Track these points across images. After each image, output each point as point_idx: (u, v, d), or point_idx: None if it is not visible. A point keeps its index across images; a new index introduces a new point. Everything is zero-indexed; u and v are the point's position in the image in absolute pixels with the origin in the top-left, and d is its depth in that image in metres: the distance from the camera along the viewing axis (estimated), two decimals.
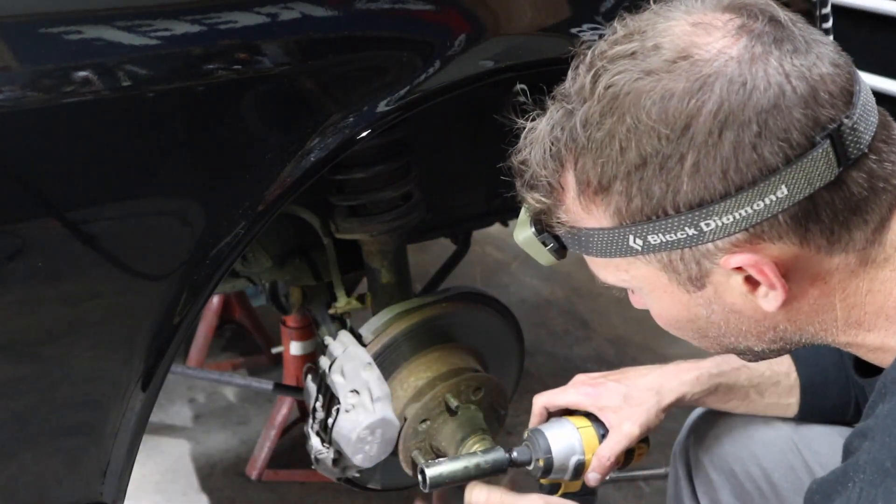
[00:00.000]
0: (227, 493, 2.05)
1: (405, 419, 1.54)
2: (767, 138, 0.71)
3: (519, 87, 1.88)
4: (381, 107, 1.09)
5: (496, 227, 2.06)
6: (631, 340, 2.67)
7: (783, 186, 0.72)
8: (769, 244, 0.75)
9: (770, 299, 0.78)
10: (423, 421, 1.56)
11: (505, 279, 3.05)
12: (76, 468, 1.12)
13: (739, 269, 0.76)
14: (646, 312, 0.94)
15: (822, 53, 0.74)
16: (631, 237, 0.78)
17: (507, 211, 1.98)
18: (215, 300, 2.43)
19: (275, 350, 2.44)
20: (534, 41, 1.21)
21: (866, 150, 0.73)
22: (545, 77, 0.91)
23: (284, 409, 2.08)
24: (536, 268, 3.12)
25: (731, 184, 0.72)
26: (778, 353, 0.88)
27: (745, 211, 0.73)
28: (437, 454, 1.61)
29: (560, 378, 2.12)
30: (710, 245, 0.76)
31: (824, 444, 1.16)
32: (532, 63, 1.21)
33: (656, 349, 2.62)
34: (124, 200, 1.00)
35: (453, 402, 1.55)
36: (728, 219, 0.74)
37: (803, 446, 1.18)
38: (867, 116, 0.74)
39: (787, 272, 0.76)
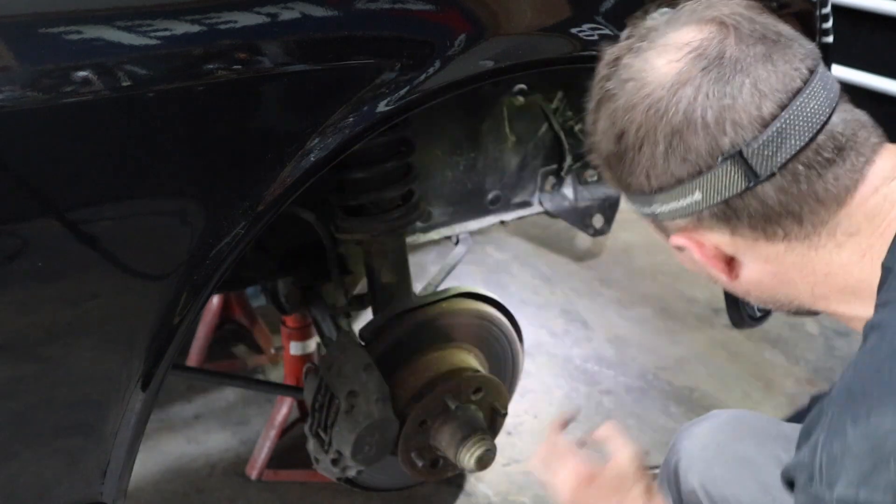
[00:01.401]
0: (227, 493, 2.05)
1: (405, 419, 1.54)
2: (673, 155, 0.85)
3: (518, 87, 1.90)
4: (381, 107, 1.09)
5: (496, 227, 2.06)
6: (631, 340, 2.67)
7: (697, 192, 0.86)
8: (707, 231, 0.90)
9: (721, 273, 0.93)
10: (423, 421, 1.56)
11: (505, 279, 3.05)
12: (76, 468, 1.12)
13: (680, 248, 0.92)
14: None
15: (746, 82, 0.83)
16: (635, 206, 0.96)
17: (507, 211, 1.98)
18: (215, 300, 2.43)
19: (275, 350, 2.44)
20: (534, 41, 1.21)
21: (777, 170, 0.83)
22: (545, 77, 0.91)
23: (284, 409, 2.08)
24: (536, 268, 3.12)
25: (654, 185, 0.88)
26: (793, 313, 0.98)
27: (672, 205, 0.89)
28: (437, 454, 1.61)
29: (560, 378, 2.13)
30: (665, 224, 0.92)
31: None
32: (532, 63, 1.21)
33: (656, 349, 2.62)
34: (124, 200, 1.00)
35: (453, 403, 1.55)
36: (664, 208, 0.90)
37: (786, 457, 1.18)
38: (786, 139, 0.83)
39: (736, 252, 0.91)
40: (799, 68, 0.84)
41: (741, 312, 1.80)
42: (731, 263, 0.93)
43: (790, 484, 0.87)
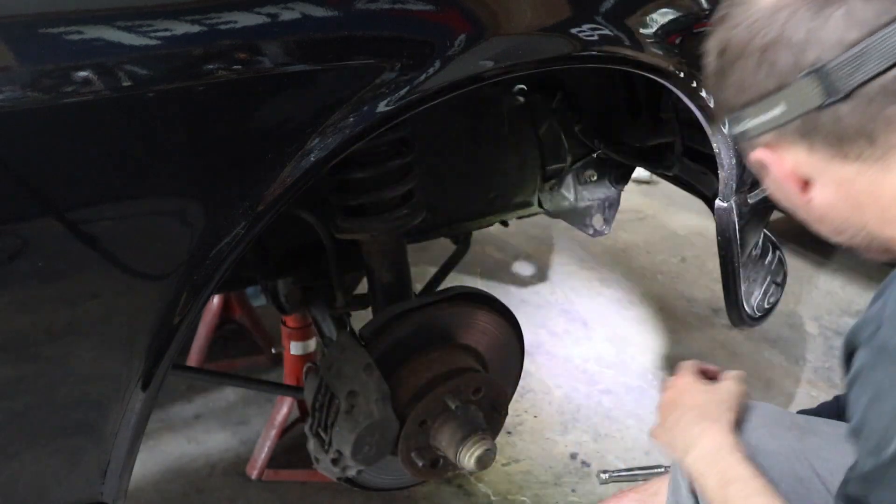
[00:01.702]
0: (227, 493, 2.05)
1: (405, 419, 1.54)
2: (762, 69, 0.94)
3: (518, 87, 1.89)
4: (381, 107, 1.09)
5: (496, 227, 2.06)
6: (631, 340, 2.67)
7: (780, 105, 0.94)
8: (787, 148, 0.97)
9: (796, 193, 1.00)
10: (423, 421, 1.56)
11: (505, 279, 3.05)
12: (76, 468, 1.12)
13: (762, 160, 0.99)
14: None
15: (839, 11, 0.90)
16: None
17: (507, 211, 1.98)
18: (215, 300, 2.43)
19: (275, 350, 2.44)
20: (534, 41, 1.21)
21: (852, 89, 0.89)
22: (545, 77, 0.91)
23: (284, 409, 2.09)
24: (536, 268, 3.12)
25: (744, 98, 0.97)
26: (863, 249, 1.02)
27: (758, 120, 0.97)
28: (437, 454, 1.61)
29: (560, 378, 2.12)
30: (753, 142, 1.00)
31: (832, 451, 1.15)
32: (532, 63, 1.21)
33: (656, 349, 2.62)
34: (124, 200, 1.00)
35: (453, 403, 1.55)
36: (751, 123, 0.98)
37: (811, 454, 1.18)
38: (865, 63, 0.89)
39: (812, 173, 0.97)
40: (891, 9, 0.90)
41: (741, 312, 1.80)
42: (806, 186, 0.99)
43: (849, 356, 0.95)
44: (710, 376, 1.34)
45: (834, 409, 1.34)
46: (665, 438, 1.28)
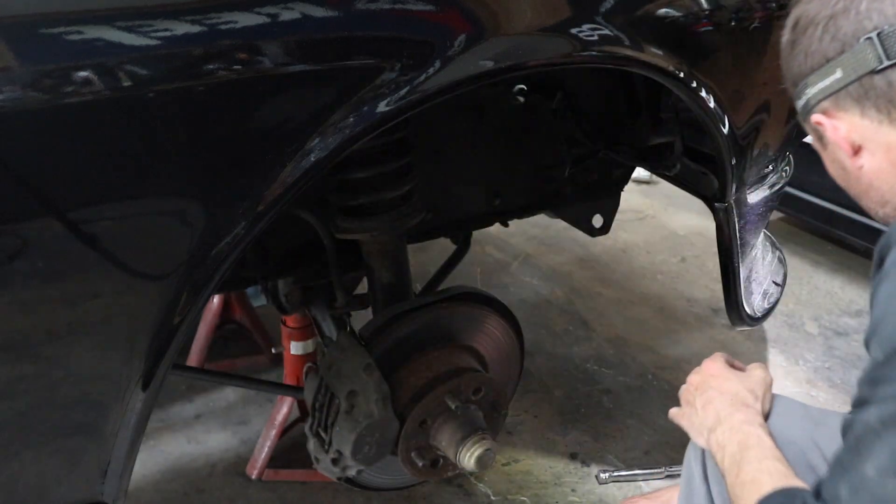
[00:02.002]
0: (227, 493, 2.05)
1: (405, 419, 1.54)
2: (826, 35, 1.04)
3: (518, 87, 1.89)
4: (382, 107, 1.09)
5: (496, 227, 2.07)
6: (631, 340, 2.67)
7: (839, 70, 1.03)
8: (841, 113, 1.06)
9: (847, 157, 1.08)
10: (423, 421, 1.56)
11: (505, 279, 3.05)
12: (77, 468, 1.12)
13: (820, 124, 1.08)
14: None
15: None
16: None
17: (508, 211, 1.98)
18: (215, 300, 2.43)
19: (275, 350, 2.44)
20: (534, 41, 1.21)
21: None
22: (545, 77, 0.91)
23: (284, 408, 2.09)
24: (536, 268, 3.12)
25: (809, 65, 1.07)
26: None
27: (819, 86, 1.06)
28: (437, 454, 1.61)
29: (560, 378, 2.12)
30: (812, 109, 1.09)
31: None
32: (532, 63, 1.21)
33: (656, 349, 2.62)
34: (124, 200, 1.00)
35: (453, 403, 1.55)
36: (813, 90, 1.07)
37: (824, 444, 1.20)
38: None
39: (863, 139, 1.06)
40: None
41: (741, 312, 1.80)
42: (857, 153, 1.07)
43: (880, 262, 1.00)
44: (735, 368, 1.38)
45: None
46: (690, 420, 1.31)
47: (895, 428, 0.90)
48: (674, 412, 1.37)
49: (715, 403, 1.27)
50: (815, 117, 1.09)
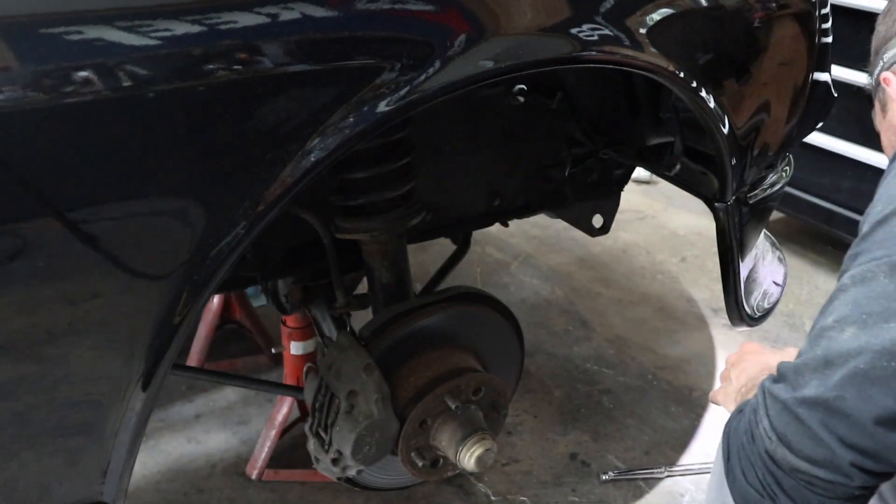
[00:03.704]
0: (227, 493, 2.05)
1: (405, 419, 1.54)
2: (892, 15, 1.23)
3: (518, 87, 1.89)
4: (382, 107, 1.09)
5: (496, 227, 2.07)
6: (631, 340, 2.67)
7: None
8: None
9: None
10: (423, 421, 1.56)
11: (505, 279, 3.05)
12: (76, 468, 1.12)
13: (887, 81, 1.22)
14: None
15: None
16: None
17: (508, 211, 1.98)
18: (215, 300, 2.43)
19: (275, 350, 2.44)
20: (534, 41, 1.21)
21: None
22: (545, 77, 0.91)
23: (284, 408, 2.09)
24: (536, 268, 3.12)
25: (886, 35, 1.24)
26: None
27: (890, 53, 1.22)
28: (437, 454, 1.61)
29: (560, 378, 2.11)
30: (887, 69, 1.23)
31: None
32: (532, 63, 1.21)
33: (656, 349, 2.62)
34: (124, 200, 1.00)
35: (453, 403, 1.55)
36: (887, 56, 1.22)
37: None
38: None
39: None
40: None
41: (741, 312, 1.80)
42: None
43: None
44: None
45: None
46: (725, 391, 1.33)
47: (862, 283, 0.96)
48: (712, 393, 1.40)
49: (748, 371, 1.31)
50: (885, 74, 1.22)
